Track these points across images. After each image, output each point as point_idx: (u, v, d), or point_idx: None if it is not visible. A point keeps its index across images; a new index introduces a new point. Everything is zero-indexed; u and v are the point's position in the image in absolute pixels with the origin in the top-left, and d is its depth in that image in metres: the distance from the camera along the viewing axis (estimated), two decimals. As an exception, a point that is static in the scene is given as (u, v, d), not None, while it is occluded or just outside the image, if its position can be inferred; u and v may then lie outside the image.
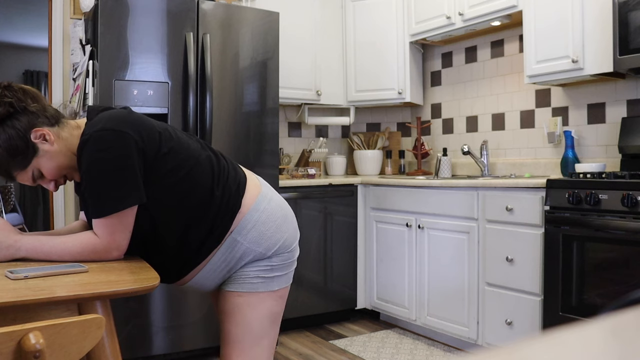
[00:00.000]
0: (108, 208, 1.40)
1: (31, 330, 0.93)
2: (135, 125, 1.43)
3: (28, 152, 1.44)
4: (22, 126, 1.44)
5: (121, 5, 2.71)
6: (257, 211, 1.56)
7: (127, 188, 1.40)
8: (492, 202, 2.79)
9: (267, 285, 1.56)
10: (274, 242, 1.56)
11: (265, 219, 1.56)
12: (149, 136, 1.44)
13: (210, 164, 1.55)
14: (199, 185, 1.50)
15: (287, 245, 1.60)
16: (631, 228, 2.21)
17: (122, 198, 1.40)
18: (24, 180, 1.49)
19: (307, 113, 4.06)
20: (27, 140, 1.44)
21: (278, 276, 1.58)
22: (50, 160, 1.47)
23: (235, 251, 1.52)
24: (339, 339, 3.29)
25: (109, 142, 1.39)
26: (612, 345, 0.40)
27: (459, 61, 3.87)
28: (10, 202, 5.36)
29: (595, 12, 2.70)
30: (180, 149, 1.50)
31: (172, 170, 1.47)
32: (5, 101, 1.43)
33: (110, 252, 1.44)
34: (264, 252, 1.54)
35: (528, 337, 0.44)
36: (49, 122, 1.48)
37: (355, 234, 3.62)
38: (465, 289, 2.93)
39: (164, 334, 2.81)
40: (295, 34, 3.73)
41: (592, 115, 3.08)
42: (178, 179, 1.47)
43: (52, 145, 1.47)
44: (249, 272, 1.54)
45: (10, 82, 1.47)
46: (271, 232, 1.56)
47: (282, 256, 1.59)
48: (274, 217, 1.58)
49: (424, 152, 4.00)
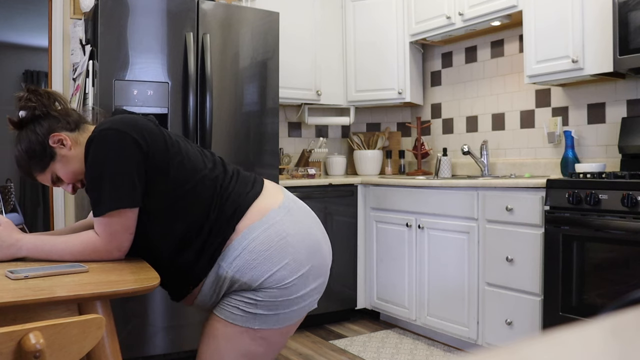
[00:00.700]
0: (106, 206, 1.40)
1: (31, 330, 0.93)
2: (140, 129, 1.42)
3: (46, 157, 1.48)
4: (42, 131, 1.47)
5: (121, 5, 2.71)
6: (246, 239, 1.44)
7: (125, 188, 1.40)
8: (492, 202, 2.79)
9: (246, 320, 1.43)
10: (259, 274, 1.42)
11: (254, 248, 1.43)
12: (153, 141, 1.43)
13: (213, 183, 1.49)
14: (198, 204, 1.46)
15: (276, 280, 1.42)
16: (631, 228, 2.21)
17: (119, 197, 1.40)
18: (44, 181, 1.53)
19: (307, 113, 4.06)
20: (45, 145, 1.47)
21: (262, 315, 1.43)
22: (66, 165, 1.50)
23: (222, 279, 1.45)
24: (339, 339, 3.29)
25: (111, 141, 1.39)
26: (612, 345, 0.40)
27: (459, 61, 3.87)
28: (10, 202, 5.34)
29: (595, 12, 2.69)
30: (186, 161, 1.48)
31: (176, 182, 1.45)
32: (29, 105, 1.48)
33: (111, 252, 1.43)
34: (249, 283, 1.42)
35: (528, 337, 0.44)
36: (69, 127, 1.50)
37: (355, 234, 3.62)
38: (465, 289, 2.93)
39: (164, 334, 2.81)
40: (295, 33, 3.73)
41: (592, 115, 3.08)
42: (181, 193, 1.45)
43: (70, 150, 1.49)
44: (231, 299, 1.45)
45: (38, 86, 1.51)
46: (257, 262, 1.42)
47: (270, 292, 1.42)
48: (266, 246, 1.43)
49: (424, 152, 4.00)
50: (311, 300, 1.50)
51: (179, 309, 2.85)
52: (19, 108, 1.49)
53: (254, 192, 1.52)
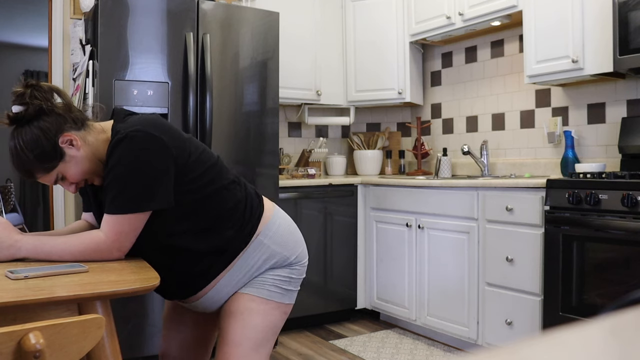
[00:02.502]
0: (124, 207, 1.39)
1: (31, 330, 0.93)
2: (169, 133, 1.44)
3: (55, 157, 1.44)
4: (49, 128, 1.43)
5: (121, 5, 2.71)
6: (279, 218, 1.61)
7: (154, 191, 1.40)
8: (492, 202, 2.79)
9: (282, 296, 1.57)
10: (295, 248, 1.60)
11: (286, 227, 1.62)
12: (179, 147, 1.45)
13: (228, 170, 1.59)
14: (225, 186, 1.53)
15: (303, 256, 1.64)
16: (631, 228, 2.21)
17: (139, 201, 1.40)
18: (45, 181, 1.49)
19: (307, 113, 4.06)
20: (55, 144, 1.43)
21: (292, 291, 1.60)
22: (75, 166, 1.47)
23: (260, 255, 1.54)
24: (339, 339, 3.29)
25: (146, 143, 1.39)
26: (612, 345, 0.40)
27: (459, 61, 3.87)
28: (10, 202, 5.36)
29: (595, 12, 2.69)
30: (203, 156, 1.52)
31: (198, 177, 1.48)
32: (34, 102, 1.42)
33: (112, 252, 1.43)
34: (288, 255, 1.57)
35: (528, 337, 0.44)
36: (75, 126, 1.47)
37: (355, 234, 3.61)
38: (465, 289, 2.93)
39: (164, 334, 2.81)
40: (295, 33, 3.73)
41: (592, 115, 3.08)
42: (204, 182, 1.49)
43: (79, 150, 1.46)
44: (269, 279, 1.55)
45: (38, 81, 1.46)
46: (292, 239, 1.61)
47: (300, 269, 1.62)
48: (290, 229, 1.63)
49: (424, 152, 4.00)
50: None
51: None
52: (19, 103, 1.42)
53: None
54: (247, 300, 1.53)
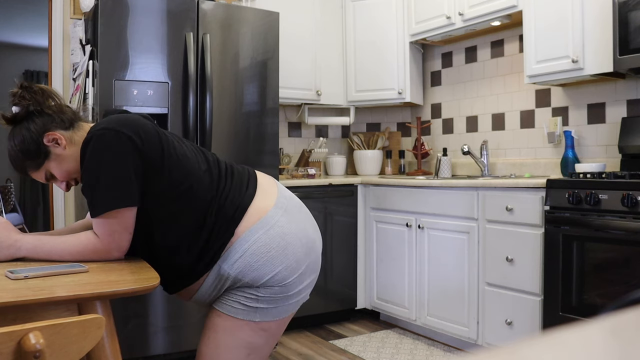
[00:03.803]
0: (102, 206, 1.40)
1: (31, 330, 0.93)
2: (136, 127, 1.42)
3: (40, 155, 1.48)
4: (36, 129, 1.47)
5: (121, 5, 2.71)
6: (247, 241, 1.46)
7: (122, 188, 1.39)
8: (492, 202, 2.79)
9: (248, 314, 1.47)
10: (262, 275, 1.45)
11: (255, 250, 1.45)
12: (148, 140, 1.43)
13: (210, 184, 1.50)
14: (195, 206, 1.46)
15: (278, 279, 1.47)
16: (631, 228, 2.21)
17: (116, 197, 1.39)
18: (38, 178, 1.53)
19: (307, 113, 4.06)
20: (39, 144, 1.47)
21: (263, 309, 1.48)
22: (61, 164, 1.50)
23: (223, 279, 1.48)
24: (339, 339, 3.29)
25: (107, 141, 1.39)
26: (612, 345, 0.40)
27: (459, 61, 3.87)
28: (10, 202, 5.36)
29: (595, 12, 2.69)
30: (182, 161, 1.48)
31: (172, 182, 1.45)
32: (23, 103, 1.47)
33: (110, 252, 1.43)
34: (251, 282, 1.46)
35: (528, 337, 0.44)
36: (63, 125, 1.50)
37: (355, 234, 3.61)
38: (465, 289, 2.93)
39: (164, 334, 2.81)
40: (295, 33, 3.73)
41: (592, 115, 3.08)
42: (176, 193, 1.45)
43: (64, 149, 1.49)
44: (232, 295, 1.48)
45: (31, 82, 1.50)
46: (260, 263, 1.45)
47: (272, 289, 1.47)
48: (268, 248, 1.46)
49: (424, 152, 4.00)
50: (306, 293, 1.57)
51: (179, 309, 2.85)
52: (12, 104, 1.48)
53: (250, 191, 1.54)
54: (215, 316, 1.50)
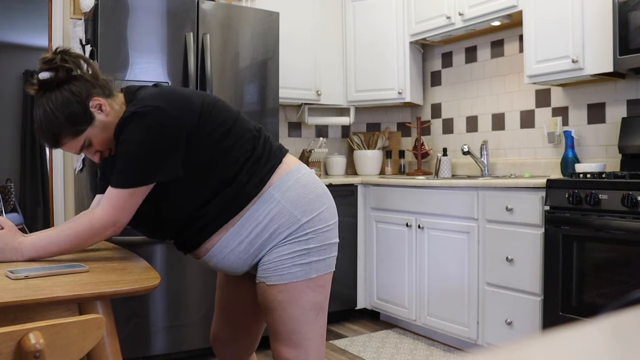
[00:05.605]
0: (128, 180, 1.40)
1: (31, 330, 0.93)
2: (177, 102, 1.43)
3: (85, 120, 1.45)
4: (80, 92, 1.45)
5: (121, 5, 2.71)
6: (299, 172, 1.53)
7: (161, 166, 1.40)
8: (492, 202, 2.79)
9: (306, 272, 1.48)
10: (312, 209, 1.49)
11: (306, 183, 1.52)
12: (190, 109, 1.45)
13: (249, 123, 1.57)
14: (243, 136, 1.51)
15: (325, 218, 1.51)
16: (631, 228, 2.21)
17: (150, 175, 1.40)
18: (71, 148, 1.49)
19: (307, 113, 4.06)
20: (86, 108, 1.45)
21: (315, 262, 1.49)
22: (103, 131, 1.48)
23: (269, 210, 1.47)
24: (339, 339, 3.29)
25: (154, 119, 1.39)
26: (612, 345, 0.40)
27: (459, 61, 3.87)
28: (10, 202, 5.35)
29: (595, 12, 2.69)
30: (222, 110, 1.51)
31: (216, 129, 1.47)
32: (64, 66, 1.44)
33: (106, 228, 1.42)
34: (299, 216, 1.47)
35: (528, 337, 0.44)
36: (103, 92, 1.49)
37: (355, 234, 3.61)
38: (465, 289, 2.93)
39: (164, 334, 2.81)
40: (295, 33, 3.73)
41: (592, 115, 3.08)
42: (222, 133, 1.48)
43: (107, 116, 1.48)
44: (284, 262, 1.47)
45: (68, 48, 1.49)
46: (310, 197, 1.50)
47: (319, 236, 1.50)
48: (315, 186, 1.53)
49: (424, 152, 4.00)
50: (335, 254, 1.58)
51: (179, 309, 2.85)
52: (48, 69, 1.43)
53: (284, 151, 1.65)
54: (276, 293, 1.48)
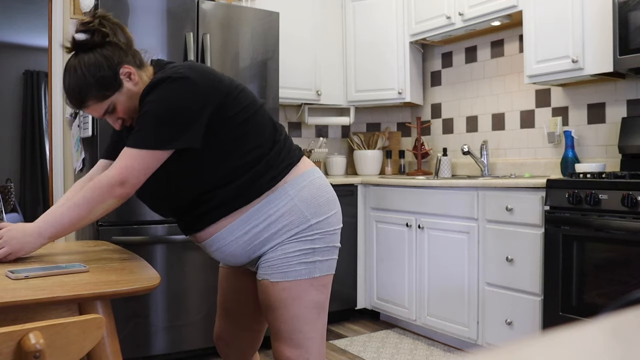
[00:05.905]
0: (150, 143, 1.40)
1: (31, 330, 0.93)
2: (207, 75, 1.46)
3: (113, 86, 1.47)
4: (112, 57, 1.47)
5: (121, 5, 2.71)
6: (314, 174, 1.56)
7: (181, 132, 1.40)
8: (492, 202, 2.79)
9: (309, 271, 1.51)
10: (322, 212, 1.53)
11: (320, 185, 1.55)
12: (218, 86, 1.47)
13: (272, 118, 1.59)
14: (265, 127, 1.53)
15: (332, 222, 1.55)
16: (631, 228, 2.21)
17: (169, 140, 1.40)
18: (94, 111, 1.50)
19: (307, 113, 4.06)
20: (116, 73, 1.47)
21: (319, 261, 1.53)
22: (129, 100, 1.50)
23: (281, 205, 1.49)
24: (339, 339, 3.29)
25: (185, 86, 1.41)
26: (612, 345, 0.40)
27: (459, 61, 3.87)
28: (10, 202, 5.35)
29: (595, 12, 2.70)
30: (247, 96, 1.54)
31: (239, 112, 1.49)
32: (101, 30, 1.46)
33: (113, 186, 1.41)
34: (310, 216, 1.50)
35: (528, 337, 0.44)
36: (134, 62, 1.51)
37: (355, 234, 3.62)
38: (465, 289, 2.93)
39: (164, 334, 2.81)
40: (295, 33, 3.73)
41: (592, 115, 3.08)
42: (245, 118, 1.49)
43: (135, 85, 1.50)
44: (290, 259, 1.49)
45: (107, 14, 1.51)
46: (322, 200, 1.54)
47: (325, 237, 1.53)
48: (327, 190, 1.57)
49: (424, 152, 4.00)
50: (336, 257, 1.62)
51: (179, 309, 2.85)
52: (84, 31, 1.45)
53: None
54: (280, 290, 1.49)
